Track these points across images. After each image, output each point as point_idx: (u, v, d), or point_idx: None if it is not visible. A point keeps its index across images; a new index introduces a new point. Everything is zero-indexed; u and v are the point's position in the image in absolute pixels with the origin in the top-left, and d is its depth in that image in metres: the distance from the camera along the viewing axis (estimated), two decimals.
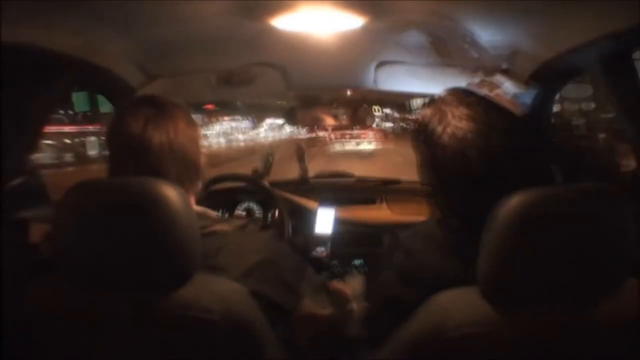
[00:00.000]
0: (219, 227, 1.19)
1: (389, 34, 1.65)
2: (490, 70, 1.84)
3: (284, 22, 1.52)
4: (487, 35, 1.53)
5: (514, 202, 0.90)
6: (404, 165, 2.24)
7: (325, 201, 2.51)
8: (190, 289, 0.99)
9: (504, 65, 1.78)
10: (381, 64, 2.06)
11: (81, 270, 1.01)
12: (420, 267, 1.08)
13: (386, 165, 14.25)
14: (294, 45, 1.75)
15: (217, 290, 1.02)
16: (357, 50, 1.86)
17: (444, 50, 1.77)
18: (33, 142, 1.51)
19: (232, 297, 1.02)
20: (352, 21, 1.52)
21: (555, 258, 0.91)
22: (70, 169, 13.72)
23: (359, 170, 3.92)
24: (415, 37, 1.69)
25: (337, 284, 1.77)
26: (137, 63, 1.80)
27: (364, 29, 1.57)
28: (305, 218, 2.46)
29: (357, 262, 2.46)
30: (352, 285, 1.87)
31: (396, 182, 2.87)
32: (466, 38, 1.59)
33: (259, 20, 1.51)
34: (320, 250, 2.35)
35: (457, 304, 0.96)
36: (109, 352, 1.02)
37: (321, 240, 2.38)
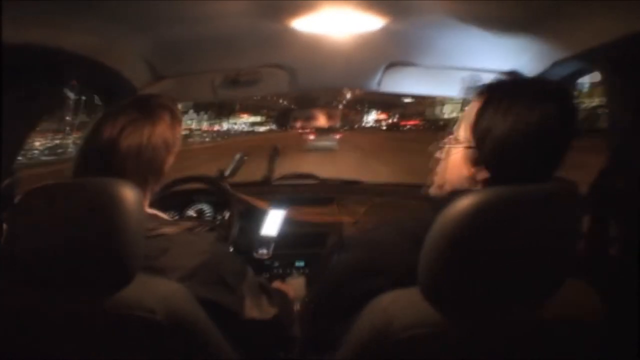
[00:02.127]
0: (166, 229, 1.20)
1: (401, 35, 1.64)
2: (497, 72, 1.83)
3: (294, 23, 1.51)
4: (499, 35, 1.53)
5: (452, 205, 0.90)
6: None
7: (278, 203, 2.53)
8: (131, 289, 1.00)
9: (512, 67, 1.78)
10: (390, 66, 2.06)
11: (25, 269, 1.01)
12: (384, 260, 1.09)
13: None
14: (303, 46, 1.74)
15: (158, 291, 1.03)
16: (367, 51, 1.85)
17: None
18: (22, 143, 1.51)
19: (173, 298, 1.03)
20: (364, 23, 1.51)
21: (493, 260, 0.91)
22: None
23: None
24: (427, 39, 1.69)
25: (281, 285, 1.79)
26: (145, 63, 1.79)
27: (376, 31, 1.57)
28: (257, 220, 2.48)
29: (298, 263, 2.48)
30: (294, 286, 1.92)
31: (356, 182, 2.92)
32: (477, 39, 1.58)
33: (270, 21, 1.50)
34: (263, 252, 2.39)
35: (400, 306, 0.97)
36: (54, 351, 1.03)
37: (265, 241, 2.42)
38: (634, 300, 1.18)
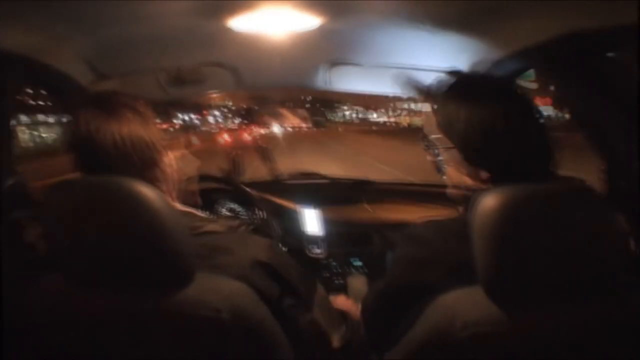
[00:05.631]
0: (210, 227, 1.17)
1: (344, 34, 1.65)
2: (441, 71, 1.87)
3: (236, 22, 1.50)
4: (436, 34, 1.55)
5: (490, 201, 0.91)
6: None
7: (303, 202, 2.51)
8: (194, 288, 0.99)
9: (450, 65, 1.81)
10: (334, 65, 2.07)
11: (78, 270, 1.01)
12: (436, 253, 1.10)
13: None
14: (246, 45, 1.73)
15: (222, 289, 1.01)
16: (310, 50, 1.86)
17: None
18: (9, 143, 1.47)
19: (237, 297, 1.02)
20: (305, 22, 1.51)
21: (544, 256, 0.92)
22: None
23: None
24: (369, 38, 1.70)
25: (342, 302, 1.77)
26: (87, 62, 1.76)
27: (318, 30, 1.57)
28: (289, 219, 2.46)
29: (355, 262, 2.47)
30: (356, 287, 1.96)
31: (370, 182, 2.90)
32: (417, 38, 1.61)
33: (211, 20, 1.48)
34: (317, 251, 2.38)
35: (463, 304, 0.97)
36: (114, 352, 1.02)
37: (315, 240, 2.40)
38: None
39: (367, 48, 1.83)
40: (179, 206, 1.22)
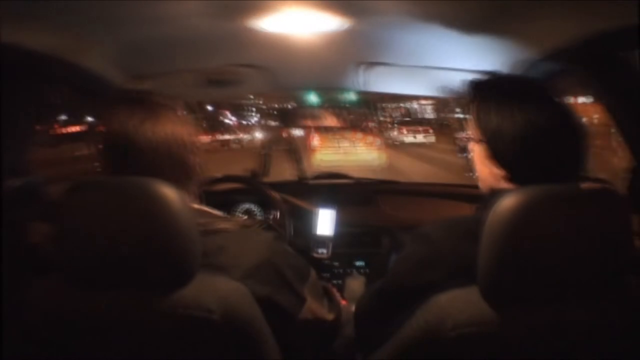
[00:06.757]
0: (222, 224, 1.18)
1: (374, 35, 1.65)
2: (473, 71, 1.86)
3: (267, 23, 1.52)
4: (470, 35, 1.54)
5: (506, 202, 0.91)
6: None
7: (324, 202, 2.52)
8: (191, 288, 0.99)
9: (487, 68, 1.80)
10: (367, 65, 2.07)
11: (82, 269, 1.01)
12: (440, 253, 1.09)
13: None
14: (277, 46, 1.74)
15: (218, 290, 1.01)
16: (342, 51, 1.87)
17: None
18: (27, 143, 1.51)
19: (232, 297, 1.02)
20: (336, 22, 1.52)
21: (550, 258, 0.91)
22: None
23: None
24: (400, 38, 1.70)
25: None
26: (119, 63, 1.78)
27: (349, 30, 1.57)
28: (306, 219, 2.48)
29: (358, 263, 2.48)
30: (352, 287, 1.95)
31: (394, 182, 2.90)
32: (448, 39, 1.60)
33: (242, 21, 1.50)
34: (322, 251, 2.39)
35: (457, 304, 0.97)
36: (110, 351, 1.02)
37: (322, 241, 2.42)
38: None
39: (401, 49, 1.82)
40: (195, 205, 1.22)
